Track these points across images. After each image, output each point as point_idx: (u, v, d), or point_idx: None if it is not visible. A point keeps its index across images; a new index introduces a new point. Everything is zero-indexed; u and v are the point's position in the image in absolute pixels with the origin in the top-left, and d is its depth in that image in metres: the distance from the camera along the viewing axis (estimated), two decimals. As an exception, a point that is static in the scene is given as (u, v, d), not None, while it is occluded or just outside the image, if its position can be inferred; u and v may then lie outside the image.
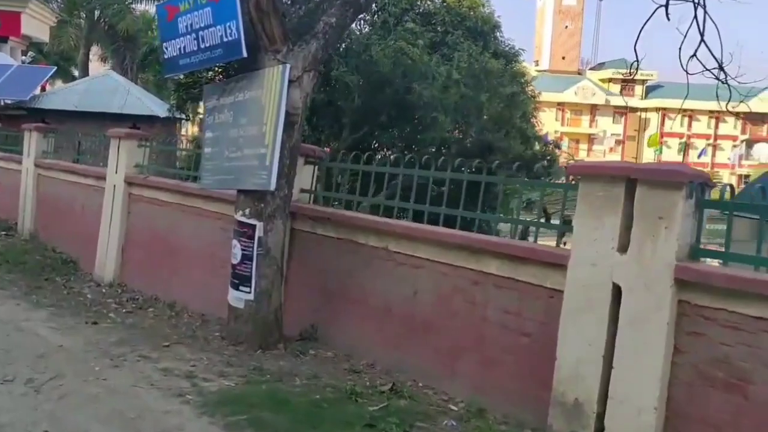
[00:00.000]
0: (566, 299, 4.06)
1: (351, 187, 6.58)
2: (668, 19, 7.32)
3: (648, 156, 72.98)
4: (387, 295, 5.40)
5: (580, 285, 4.01)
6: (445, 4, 13.38)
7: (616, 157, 73.60)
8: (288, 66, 5.08)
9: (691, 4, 7.15)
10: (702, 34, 7.05)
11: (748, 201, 4.08)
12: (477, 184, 5.03)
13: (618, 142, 74.83)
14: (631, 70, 7.60)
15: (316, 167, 6.45)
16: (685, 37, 7.10)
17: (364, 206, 6.09)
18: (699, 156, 74.60)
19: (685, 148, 73.50)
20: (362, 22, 12.60)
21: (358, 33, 11.41)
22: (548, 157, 11.75)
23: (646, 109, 73.45)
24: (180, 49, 5.83)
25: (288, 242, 5.99)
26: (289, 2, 6.18)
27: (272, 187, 5.15)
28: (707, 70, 7.10)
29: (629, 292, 3.77)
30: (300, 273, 6.17)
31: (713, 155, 74.94)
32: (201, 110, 15.11)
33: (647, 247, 3.70)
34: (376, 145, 12.72)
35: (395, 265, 5.34)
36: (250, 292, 5.47)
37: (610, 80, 74.28)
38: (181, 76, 11.57)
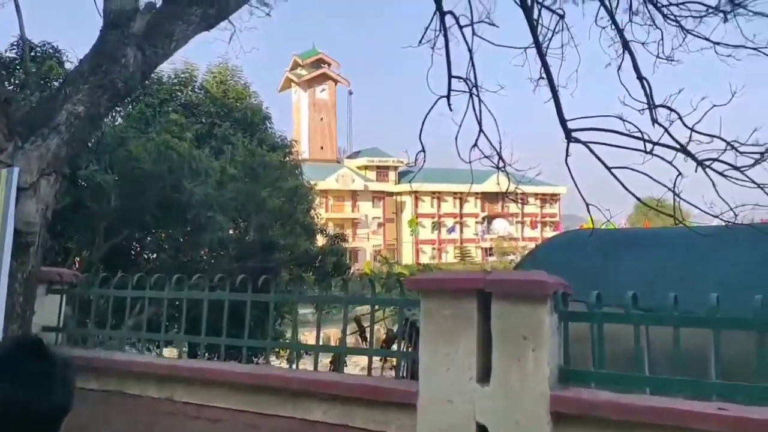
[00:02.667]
0: (420, 448, 3.23)
1: (104, 312, 5.24)
2: (450, 109, 7.29)
3: (407, 236, 78.07)
4: (176, 461, 4.08)
5: (435, 428, 3.20)
6: (209, 94, 12.48)
7: (378, 239, 77.48)
8: (16, 170, 3.72)
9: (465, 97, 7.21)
10: (480, 123, 7.09)
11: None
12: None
13: (380, 225, 78.92)
14: (416, 159, 7.45)
15: (64, 296, 4.95)
16: (460, 126, 7.12)
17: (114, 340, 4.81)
18: (449, 232, 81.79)
19: (438, 226, 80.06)
20: (114, 113, 11.14)
21: (111, 125, 9.95)
22: (338, 252, 11.21)
23: (400, 193, 78.89)
24: None
25: (27, 404, 4.36)
26: (17, 87, 4.78)
27: (-3, 339, 3.63)
28: (486, 157, 7.13)
29: (498, 433, 3.05)
30: (47, 444, 4.52)
31: (461, 231, 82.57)
32: None
33: (513, 375, 3.04)
34: (139, 250, 11.09)
35: (185, 421, 4.07)
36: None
37: (366, 167, 78.93)
38: None
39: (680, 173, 5.91)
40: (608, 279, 8.57)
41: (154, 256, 11.28)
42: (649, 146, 5.88)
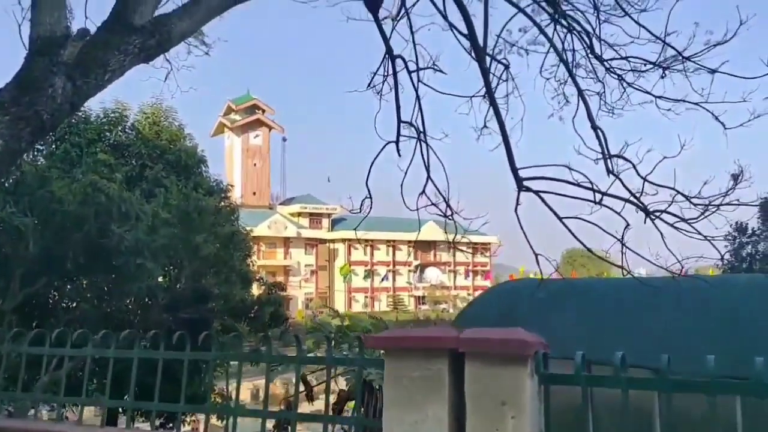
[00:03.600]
0: None
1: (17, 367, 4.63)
2: (399, 154, 7.11)
3: (339, 284, 77.24)
4: None
5: (402, 507, 2.83)
6: (140, 135, 11.92)
7: (310, 286, 76.30)
8: None
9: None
10: (428, 169, 6.94)
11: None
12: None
13: (312, 272, 77.85)
14: (362, 205, 7.21)
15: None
16: (406, 173, 6.96)
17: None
18: (382, 281, 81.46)
19: (371, 274, 79.67)
20: (35, 152, 10.44)
21: (32, 165, 9.24)
22: (276, 302, 10.66)
23: (333, 241, 78.36)
24: None
25: None
26: None
27: None
28: (433, 204, 6.97)
29: None
30: None
31: (394, 280, 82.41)
32: None
33: (491, 445, 2.73)
34: (58, 299, 10.27)
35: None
36: None
37: (299, 214, 78.17)
38: None
39: (628, 224, 5.89)
40: (555, 331, 8.45)
41: (75, 305, 10.46)
42: (598, 196, 5.84)
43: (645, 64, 6.96)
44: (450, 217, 7.08)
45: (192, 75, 8.54)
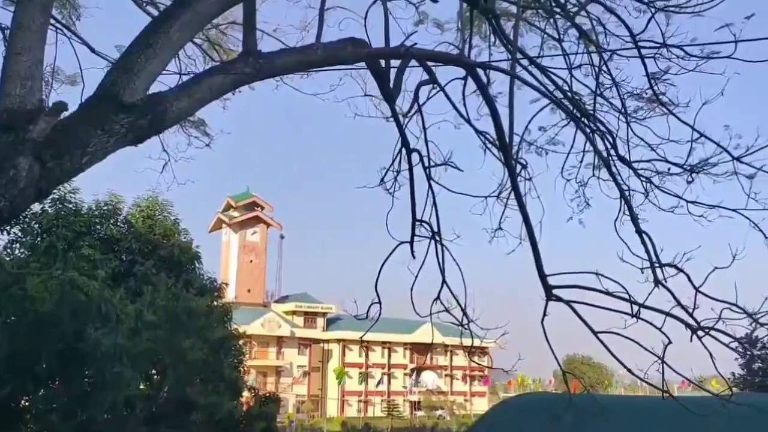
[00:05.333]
0: None
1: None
2: (413, 257, 6.52)
3: (333, 386, 74.58)
4: None
5: None
6: (132, 229, 11.32)
7: (302, 388, 73.62)
8: None
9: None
10: (443, 273, 6.36)
11: None
12: None
13: (305, 374, 75.46)
14: (368, 312, 6.51)
15: None
16: (417, 277, 6.38)
17: None
18: (377, 385, 78.72)
19: (365, 377, 77.15)
20: (18, 244, 9.78)
21: (8, 258, 8.59)
22: (268, 417, 9.64)
23: (328, 341, 76.53)
24: None
25: None
26: None
27: None
28: (446, 311, 6.35)
29: None
30: None
31: (389, 383, 79.77)
32: None
33: None
34: (28, 406, 9.28)
35: None
36: None
37: (293, 312, 76.73)
38: None
39: (670, 341, 5.23)
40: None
41: (46, 413, 9.44)
42: (635, 308, 5.22)
43: (669, 168, 6.59)
44: (466, 327, 6.40)
45: (191, 167, 8.06)
